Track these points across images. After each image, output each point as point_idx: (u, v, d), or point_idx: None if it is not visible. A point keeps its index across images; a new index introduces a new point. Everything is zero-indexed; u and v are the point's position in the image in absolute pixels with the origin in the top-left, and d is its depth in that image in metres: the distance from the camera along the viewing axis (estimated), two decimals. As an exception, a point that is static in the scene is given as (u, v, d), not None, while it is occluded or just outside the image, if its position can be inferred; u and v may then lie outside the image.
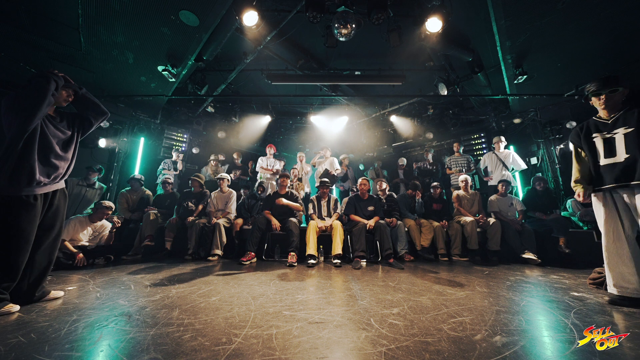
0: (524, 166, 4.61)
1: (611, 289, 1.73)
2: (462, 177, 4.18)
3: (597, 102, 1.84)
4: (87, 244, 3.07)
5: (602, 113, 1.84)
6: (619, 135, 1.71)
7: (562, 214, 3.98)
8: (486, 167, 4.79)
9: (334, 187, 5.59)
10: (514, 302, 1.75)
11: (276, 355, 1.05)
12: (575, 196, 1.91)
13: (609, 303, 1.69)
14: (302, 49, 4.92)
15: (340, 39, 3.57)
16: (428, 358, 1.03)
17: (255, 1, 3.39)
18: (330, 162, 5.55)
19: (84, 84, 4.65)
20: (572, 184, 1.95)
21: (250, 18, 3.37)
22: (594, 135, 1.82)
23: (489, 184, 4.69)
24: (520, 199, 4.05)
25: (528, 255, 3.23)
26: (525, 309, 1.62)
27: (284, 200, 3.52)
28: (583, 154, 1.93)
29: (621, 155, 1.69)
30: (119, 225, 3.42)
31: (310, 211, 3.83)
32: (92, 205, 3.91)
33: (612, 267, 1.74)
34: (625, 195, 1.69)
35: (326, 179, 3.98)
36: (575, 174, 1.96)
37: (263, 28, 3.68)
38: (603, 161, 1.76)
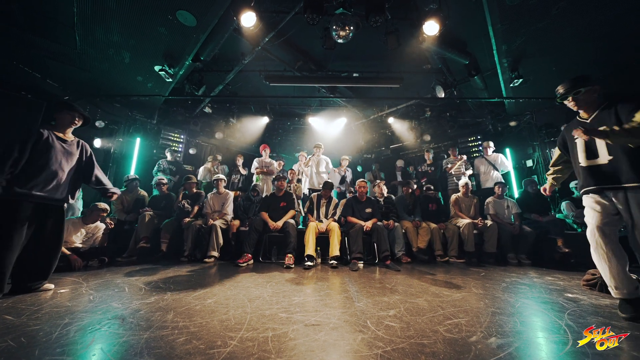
0: (509, 168, 4.96)
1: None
2: (463, 181, 4.23)
3: (569, 104, 1.81)
4: (80, 246, 3.02)
5: (582, 113, 1.79)
6: None
7: (557, 215, 4.03)
8: (477, 173, 4.97)
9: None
10: (509, 303, 1.77)
11: (272, 358, 1.04)
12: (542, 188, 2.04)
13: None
14: (300, 50, 4.93)
15: (339, 41, 3.58)
16: (424, 360, 1.03)
17: (254, 2, 3.39)
18: (325, 162, 5.34)
19: (80, 83, 4.63)
20: (547, 175, 2.09)
21: (248, 19, 3.37)
22: (575, 136, 1.76)
23: (485, 186, 4.77)
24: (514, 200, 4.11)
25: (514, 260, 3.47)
26: (520, 311, 1.63)
27: (279, 223, 3.42)
28: (559, 155, 2.02)
29: (604, 157, 1.62)
30: (112, 226, 3.37)
31: (307, 210, 3.81)
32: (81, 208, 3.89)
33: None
34: (611, 196, 1.62)
35: (330, 181, 3.94)
36: (551, 167, 2.09)
37: (261, 29, 3.68)
38: (585, 162, 1.70)
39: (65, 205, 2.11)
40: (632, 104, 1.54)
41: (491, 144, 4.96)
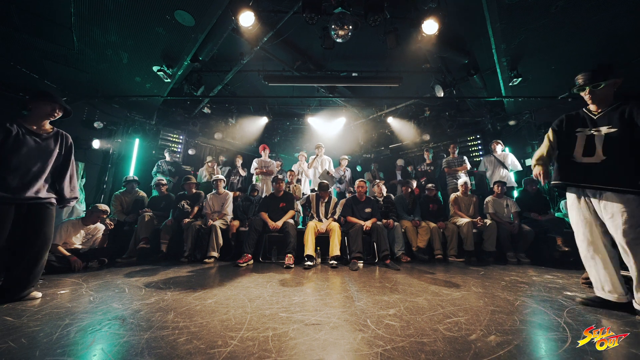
0: (519, 167, 4.82)
1: (599, 292, 1.65)
2: (462, 180, 4.23)
3: (585, 96, 1.72)
4: (80, 247, 3.02)
5: (592, 107, 1.72)
6: (601, 134, 1.60)
7: (556, 214, 4.04)
8: (485, 170, 4.90)
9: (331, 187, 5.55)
10: (508, 302, 1.77)
11: (272, 357, 1.04)
12: (534, 174, 1.80)
13: (582, 304, 1.67)
14: (299, 50, 4.93)
15: (338, 40, 3.58)
16: (424, 358, 1.04)
17: (252, 2, 3.39)
18: (328, 161, 5.48)
19: (78, 84, 4.62)
20: (533, 161, 1.86)
21: (246, 19, 3.37)
22: (578, 129, 1.71)
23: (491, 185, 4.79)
24: (514, 199, 4.11)
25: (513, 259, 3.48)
26: (519, 309, 1.63)
27: (279, 223, 3.41)
28: (553, 138, 1.84)
29: (599, 156, 1.59)
30: (112, 227, 3.37)
31: (302, 206, 3.81)
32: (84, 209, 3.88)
33: (589, 271, 1.71)
34: (596, 199, 1.60)
35: (325, 181, 3.95)
36: (540, 151, 1.87)
37: (259, 29, 3.68)
38: (580, 158, 1.66)
39: (56, 204, 1.94)
40: None
41: (500, 142, 4.91)
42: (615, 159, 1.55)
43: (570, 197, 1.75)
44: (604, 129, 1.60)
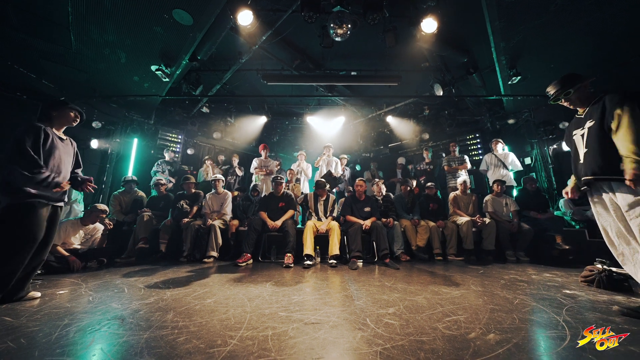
0: (520, 167, 4.79)
1: None
2: (461, 179, 4.23)
3: (564, 104, 1.80)
4: (79, 247, 3.01)
5: (578, 110, 1.79)
6: (586, 129, 1.66)
7: (555, 213, 4.05)
8: (487, 169, 4.87)
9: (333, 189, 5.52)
10: (507, 300, 1.78)
11: (272, 357, 1.04)
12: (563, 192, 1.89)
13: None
14: (298, 49, 4.92)
15: (336, 39, 3.58)
16: (423, 357, 1.04)
17: (250, 0, 3.37)
18: (335, 162, 5.45)
19: (76, 84, 4.60)
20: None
21: (244, 17, 3.36)
22: (574, 132, 1.78)
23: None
24: (513, 198, 4.12)
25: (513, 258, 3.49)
26: (518, 307, 1.64)
27: (278, 223, 3.39)
28: None
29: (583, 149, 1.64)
30: (111, 227, 3.36)
31: (300, 204, 3.80)
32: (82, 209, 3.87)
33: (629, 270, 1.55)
34: (605, 188, 1.58)
35: (322, 179, 3.95)
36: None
37: (258, 28, 3.67)
38: (583, 158, 1.69)
39: (62, 205, 2.05)
40: (617, 96, 1.53)
41: (500, 140, 4.86)
42: (597, 149, 1.57)
43: (588, 195, 1.72)
44: (588, 124, 1.66)
